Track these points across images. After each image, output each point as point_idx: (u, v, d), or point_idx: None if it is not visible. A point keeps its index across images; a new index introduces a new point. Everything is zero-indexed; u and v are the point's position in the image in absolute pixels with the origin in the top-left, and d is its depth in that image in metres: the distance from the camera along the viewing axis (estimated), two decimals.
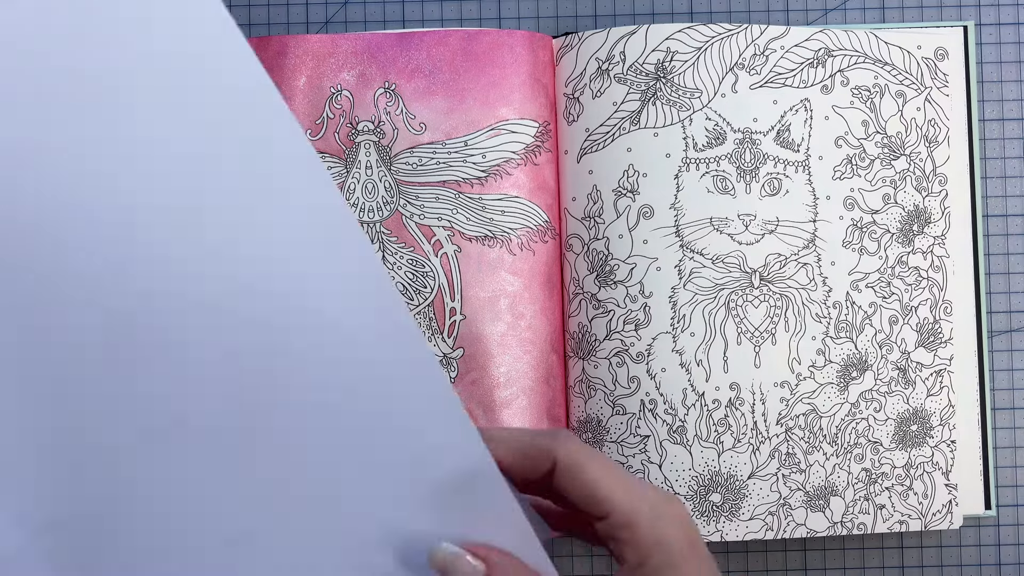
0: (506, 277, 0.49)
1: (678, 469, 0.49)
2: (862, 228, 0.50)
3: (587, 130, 0.49)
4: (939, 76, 0.50)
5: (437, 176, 0.49)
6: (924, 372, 0.50)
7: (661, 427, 0.49)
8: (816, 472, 0.49)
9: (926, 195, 0.50)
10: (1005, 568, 0.53)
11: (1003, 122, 0.53)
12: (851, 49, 0.50)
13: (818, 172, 0.49)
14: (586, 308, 0.50)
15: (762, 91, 0.49)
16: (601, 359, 0.49)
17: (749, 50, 0.49)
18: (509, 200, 0.49)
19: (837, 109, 0.50)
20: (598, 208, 0.49)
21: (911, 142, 0.50)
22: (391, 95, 0.49)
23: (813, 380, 0.49)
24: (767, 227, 0.49)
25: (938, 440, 0.50)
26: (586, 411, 0.50)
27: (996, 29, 0.53)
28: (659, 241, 0.49)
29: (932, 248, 0.50)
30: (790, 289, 0.49)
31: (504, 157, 0.49)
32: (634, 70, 0.49)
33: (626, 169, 0.49)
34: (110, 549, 0.33)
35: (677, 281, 0.49)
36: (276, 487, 0.32)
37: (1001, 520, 0.53)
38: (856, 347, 0.49)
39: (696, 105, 0.49)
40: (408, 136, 0.49)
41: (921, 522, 0.50)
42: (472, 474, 0.32)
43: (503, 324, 0.49)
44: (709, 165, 0.49)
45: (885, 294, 0.50)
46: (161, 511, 0.33)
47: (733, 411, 0.49)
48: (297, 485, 0.33)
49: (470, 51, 0.49)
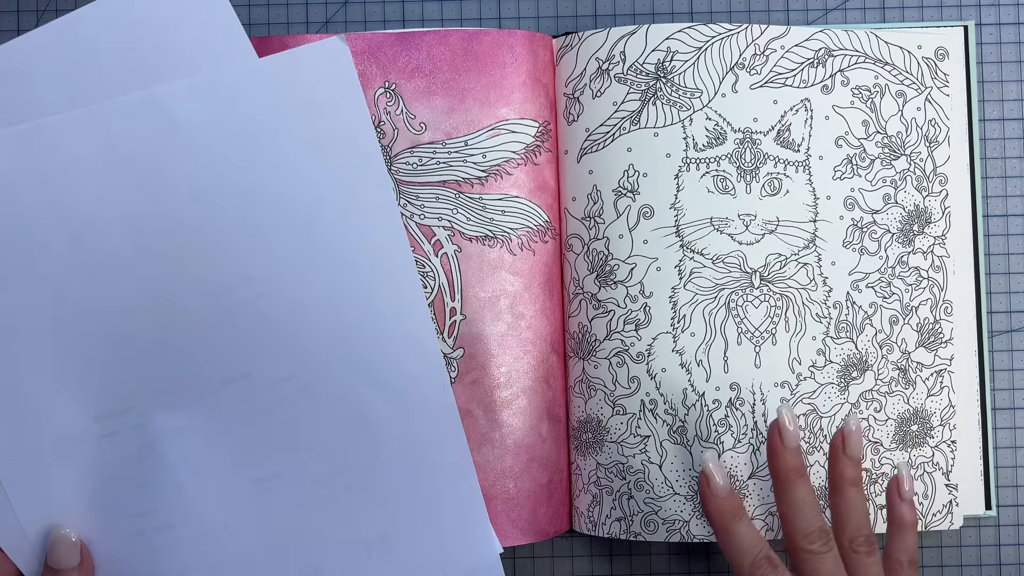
0: (506, 277, 0.49)
1: (678, 469, 0.49)
2: (862, 228, 0.50)
3: (587, 130, 0.49)
4: (939, 76, 0.50)
5: (437, 176, 0.49)
6: (924, 372, 0.50)
7: (661, 427, 0.49)
8: (816, 472, 0.49)
9: (926, 195, 0.50)
10: (1005, 568, 0.53)
11: (1003, 122, 0.53)
12: (851, 49, 0.50)
13: (818, 172, 0.49)
14: (586, 308, 0.50)
15: (762, 91, 0.49)
16: (601, 359, 0.49)
17: (749, 50, 0.49)
18: (509, 200, 0.49)
19: (837, 109, 0.50)
20: (598, 208, 0.49)
21: (911, 142, 0.50)
22: (391, 95, 0.49)
23: (813, 380, 0.49)
24: (767, 227, 0.49)
25: (938, 440, 0.50)
26: (586, 411, 0.50)
27: (996, 29, 0.53)
28: (659, 241, 0.49)
29: (932, 248, 0.50)
30: (790, 289, 0.49)
31: (504, 157, 0.49)
32: (634, 70, 0.49)
33: (626, 169, 0.49)
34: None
35: (677, 281, 0.49)
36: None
37: (1001, 520, 0.53)
38: (856, 347, 0.49)
39: (696, 105, 0.49)
40: (408, 136, 0.49)
41: (921, 522, 0.50)
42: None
43: (503, 324, 0.49)
44: (709, 165, 0.49)
45: (885, 294, 0.50)
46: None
47: (733, 411, 0.49)
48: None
49: (470, 51, 0.49)
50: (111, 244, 0.42)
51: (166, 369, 0.43)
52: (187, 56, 0.42)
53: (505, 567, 0.52)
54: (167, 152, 0.42)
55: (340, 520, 0.45)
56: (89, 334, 0.43)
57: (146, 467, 0.44)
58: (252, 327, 0.43)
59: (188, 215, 0.42)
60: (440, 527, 0.45)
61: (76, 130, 0.42)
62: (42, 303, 0.42)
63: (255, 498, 0.44)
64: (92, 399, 0.43)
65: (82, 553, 0.43)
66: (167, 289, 0.43)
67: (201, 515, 0.44)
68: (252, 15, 0.53)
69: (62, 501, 0.43)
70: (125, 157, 0.42)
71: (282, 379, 0.44)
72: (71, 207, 0.42)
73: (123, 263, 0.42)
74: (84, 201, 0.42)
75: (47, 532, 0.43)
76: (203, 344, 0.43)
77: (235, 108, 0.42)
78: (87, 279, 0.42)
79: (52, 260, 0.42)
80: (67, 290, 0.42)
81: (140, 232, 0.42)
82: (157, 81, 0.42)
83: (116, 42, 0.42)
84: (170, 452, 0.44)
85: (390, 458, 0.44)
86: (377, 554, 0.45)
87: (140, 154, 0.42)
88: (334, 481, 0.44)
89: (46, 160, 0.42)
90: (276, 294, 0.43)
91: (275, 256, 0.43)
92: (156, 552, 0.44)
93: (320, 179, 0.43)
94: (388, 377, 0.44)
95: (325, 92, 0.43)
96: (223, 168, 0.42)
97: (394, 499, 0.45)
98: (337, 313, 0.44)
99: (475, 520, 0.46)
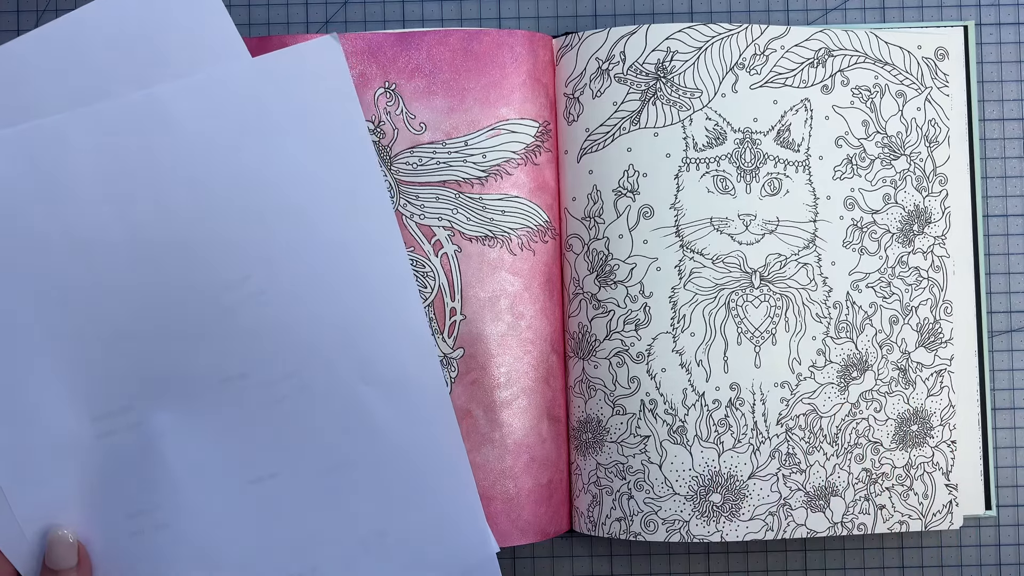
0: (506, 277, 0.49)
1: (678, 469, 0.49)
2: (862, 228, 0.50)
3: (587, 130, 0.49)
4: (939, 76, 0.50)
5: (437, 176, 0.49)
6: (924, 372, 0.50)
7: (661, 427, 0.49)
8: (816, 472, 0.49)
9: (926, 195, 0.50)
10: (1005, 568, 0.53)
11: (1003, 122, 0.53)
12: (851, 49, 0.50)
13: (818, 172, 0.49)
14: (586, 308, 0.50)
15: (762, 91, 0.49)
16: (601, 359, 0.49)
17: (749, 50, 0.49)
18: (509, 200, 0.49)
19: (837, 109, 0.50)
20: (598, 208, 0.49)
21: (911, 142, 0.50)
22: (391, 95, 0.49)
23: (813, 380, 0.49)
24: (767, 227, 0.49)
25: (938, 440, 0.50)
26: (586, 411, 0.50)
27: (996, 29, 0.53)
28: (659, 241, 0.49)
29: (932, 248, 0.50)
30: (790, 289, 0.49)
31: (504, 157, 0.49)
32: (634, 70, 0.49)
33: (626, 169, 0.49)
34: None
35: (677, 281, 0.49)
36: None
37: (1001, 520, 0.53)
38: (856, 347, 0.49)
39: (696, 105, 0.49)
40: (408, 136, 0.49)
41: (921, 522, 0.50)
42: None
43: (503, 324, 0.49)
44: (709, 165, 0.49)
45: (885, 294, 0.50)
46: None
47: (733, 411, 0.49)
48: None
49: (470, 51, 0.49)
50: (109, 243, 0.42)
51: (164, 368, 0.43)
52: (182, 56, 0.43)
53: (505, 567, 0.52)
54: (165, 151, 0.42)
55: (337, 518, 0.45)
56: (87, 334, 0.43)
57: (144, 466, 0.44)
58: (250, 325, 0.43)
59: (186, 214, 0.42)
60: (436, 525, 0.45)
61: (75, 130, 0.42)
62: (40, 302, 0.42)
63: (253, 497, 0.44)
64: (90, 398, 0.43)
65: (80, 553, 0.43)
66: (165, 288, 0.43)
67: (199, 514, 0.44)
68: (252, 15, 0.53)
69: (60, 501, 0.43)
70: (123, 157, 0.42)
71: (280, 378, 0.44)
72: (70, 207, 0.42)
73: (122, 263, 0.42)
74: (83, 201, 0.42)
75: (45, 532, 0.43)
76: (202, 343, 0.43)
77: (231, 107, 0.43)
78: (85, 279, 0.42)
79: (50, 260, 0.42)
80: (65, 289, 0.42)
81: (138, 232, 0.42)
82: (155, 81, 0.42)
83: (114, 42, 0.43)
84: (168, 451, 0.44)
85: (386, 456, 0.45)
86: (374, 551, 0.45)
87: (138, 154, 0.42)
88: (331, 479, 0.44)
89: (45, 160, 0.42)
90: (274, 292, 0.43)
91: (273, 254, 0.43)
92: (154, 551, 0.44)
93: (316, 176, 0.43)
94: (385, 375, 0.44)
95: (319, 90, 0.43)
96: (220, 167, 0.43)
97: (390, 497, 0.45)
98: (334, 309, 0.44)
99: (472, 518, 0.46)
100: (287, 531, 0.45)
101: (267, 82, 0.43)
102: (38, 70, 0.42)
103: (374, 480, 0.45)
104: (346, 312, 0.44)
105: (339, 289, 0.44)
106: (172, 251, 0.43)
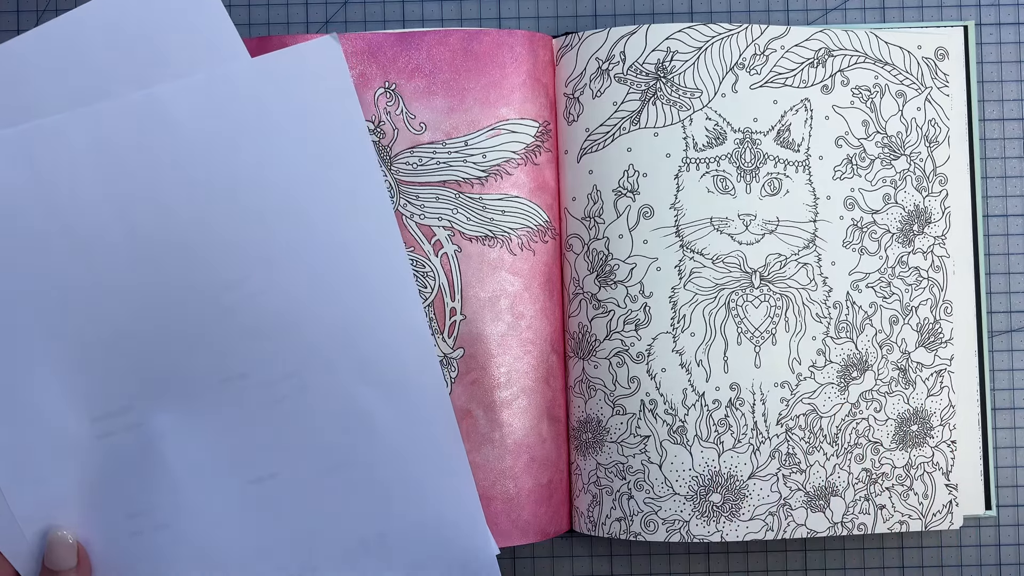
0: (506, 277, 0.49)
1: (678, 469, 0.49)
2: (862, 228, 0.50)
3: (587, 130, 0.49)
4: (939, 76, 0.50)
5: (437, 176, 0.49)
6: (924, 372, 0.50)
7: (661, 427, 0.49)
8: (816, 472, 0.49)
9: (926, 195, 0.50)
10: (1005, 568, 0.53)
11: (1003, 122, 0.53)
12: (851, 49, 0.50)
13: (818, 172, 0.49)
14: (586, 308, 0.49)
15: (762, 91, 0.49)
16: (601, 359, 0.49)
17: (749, 50, 0.49)
18: (509, 200, 0.49)
19: (837, 109, 0.50)
20: (598, 208, 0.49)
21: (911, 142, 0.50)
22: (391, 95, 0.49)
23: (813, 380, 0.49)
24: (767, 227, 0.49)
25: (938, 440, 0.50)
26: (586, 411, 0.50)
27: (996, 29, 0.53)
28: (659, 241, 0.49)
29: (932, 248, 0.50)
30: (790, 289, 0.49)
31: (504, 157, 0.49)
32: (634, 70, 0.49)
33: (626, 169, 0.49)
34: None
35: (677, 281, 0.49)
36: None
37: (1001, 520, 0.53)
38: (856, 347, 0.49)
39: (696, 105, 0.49)
40: (408, 136, 0.49)
41: (921, 522, 0.50)
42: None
43: (503, 324, 0.49)
44: (709, 165, 0.49)
45: (885, 294, 0.50)
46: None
47: (733, 411, 0.49)
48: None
49: (470, 51, 0.49)
50: (109, 244, 0.42)
51: (164, 369, 0.43)
52: (182, 56, 0.43)
53: (505, 567, 0.52)
54: (164, 151, 0.42)
55: (337, 518, 0.45)
56: (87, 334, 0.43)
57: (143, 467, 0.44)
58: (250, 325, 0.43)
59: (186, 214, 0.42)
60: (436, 525, 0.45)
61: (75, 130, 0.42)
62: (40, 303, 0.42)
63: (252, 497, 0.44)
64: (89, 399, 0.43)
65: (79, 554, 0.43)
66: (165, 288, 0.43)
67: (199, 514, 0.44)
68: (252, 15, 0.53)
69: (59, 502, 0.43)
70: (123, 157, 0.42)
71: (279, 378, 0.44)
72: (69, 207, 0.42)
73: (121, 263, 0.42)
74: (82, 201, 0.42)
75: (44, 533, 0.43)
76: (201, 343, 0.43)
77: (231, 107, 0.43)
78: (85, 279, 0.42)
79: (50, 260, 0.42)
80: (65, 290, 0.42)
81: (138, 231, 0.42)
82: (154, 81, 0.42)
83: (114, 42, 0.43)
84: (168, 452, 0.44)
85: (386, 456, 0.44)
86: (374, 552, 0.45)
87: (138, 153, 0.42)
88: (331, 479, 0.44)
89: (45, 160, 0.42)
90: (274, 292, 0.43)
91: (273, 254, 0.43)
92: (153, 552, 0.44)
93: (315, 176, 0.43)
94: (385, 375, 0.44)
95: (319, 90, 0.43)
96: (220, 167, 0.43)
97: (390, 497, 0.45)
98: (333, 309, 0.44)
99: (471, 519, 0.46)
100: (287, 531, 0.44)
101: (267, 82, 0.43)
102: (38, 69, 0.42)
103: (374, 480, 0.45)
104: (346, 312, 0.44)
105: (339, 289, 0.44)
106: (172, 251, 0.43)
